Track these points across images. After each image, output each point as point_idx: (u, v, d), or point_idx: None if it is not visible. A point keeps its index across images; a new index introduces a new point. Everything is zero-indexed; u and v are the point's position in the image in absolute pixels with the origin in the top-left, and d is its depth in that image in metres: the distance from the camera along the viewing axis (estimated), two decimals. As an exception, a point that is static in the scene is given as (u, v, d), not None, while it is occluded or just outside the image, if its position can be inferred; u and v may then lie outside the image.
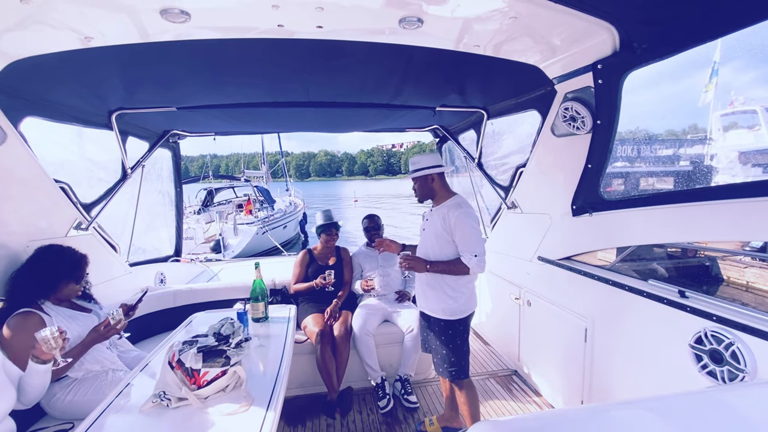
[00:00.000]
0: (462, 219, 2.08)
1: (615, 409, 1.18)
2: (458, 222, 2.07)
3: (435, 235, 2.17)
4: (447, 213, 2.13)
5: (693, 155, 13.17)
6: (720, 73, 14.09)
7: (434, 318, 2.22)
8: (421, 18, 1.64)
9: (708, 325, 1.64)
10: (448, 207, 2.16)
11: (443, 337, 2.19)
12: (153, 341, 2.77)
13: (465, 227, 2.07)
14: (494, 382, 3.03)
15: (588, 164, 2.31)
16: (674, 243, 5.47)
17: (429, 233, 2.23)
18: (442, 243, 2.15)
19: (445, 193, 2.24)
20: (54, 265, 1.89)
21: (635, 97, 8.28)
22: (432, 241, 2.20)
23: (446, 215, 2.12)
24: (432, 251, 2.20)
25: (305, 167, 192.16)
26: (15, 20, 1.48)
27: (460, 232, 2.08)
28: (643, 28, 1.69)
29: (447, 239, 2.13)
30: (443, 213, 2.15)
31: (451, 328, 2.18)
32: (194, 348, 1.47)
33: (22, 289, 1.82)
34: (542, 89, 2.49)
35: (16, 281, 1.85)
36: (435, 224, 2.18)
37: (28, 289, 1.83)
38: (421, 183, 2.25)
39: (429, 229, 2.24)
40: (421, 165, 2.23)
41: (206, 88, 2.53)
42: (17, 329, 1.69)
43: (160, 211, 4.12)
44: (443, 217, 2.13)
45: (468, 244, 2.07)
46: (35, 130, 2.21)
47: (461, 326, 2.19)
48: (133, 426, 1.35)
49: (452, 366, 2.18)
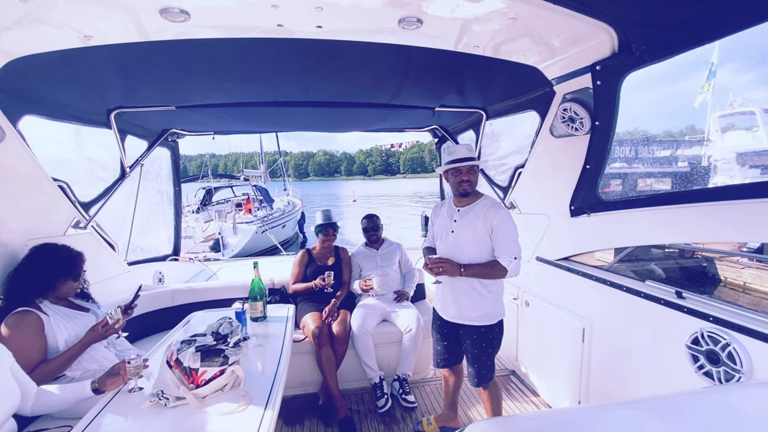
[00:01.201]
0: (506, 219, 2.00)
1: (612, 409, 1.19)
2: (502, 222, 1.98)
3: (474, 236, 2.03)
4: (488, 211, 2.02)
5: (691, 156, 13.21)
6: (718, 75, 14.14)
7: (473, 326, 2.10)
8: (420, 18, 1.64)
9: (705, 325, 1.65)
10: (487, 206, 2.05)
11: (484, 343, 2.09)
12: (151, 340, 2.76)
13: (509, 228, 1.99)
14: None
15: (586, 165, 2.32)
16: (672, 244, 5.49)
17: (465, 234, 2.06)
18: (480, 244, 2.03)
19: (476, 192, 2.14)
20: (50, 263, 1.89)
21: (633, 97, 8.38)
22: (469, 241, 2.05)
23: (487, 213, 2.01)
24: (468, 253, 2.05)
25: (304, 167, 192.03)
26: (14, 18, 1.48)
27: (502, 233, 1.98)
28: (641, 30, 1.70)
29: (486, 240, 2.02)
30: (482, 212, 2.03)
31: (491, 332, 2.10)
32: (192, 347, 1.47)
33: (20, 289, 1.82)
34: (541, 90, 2.50)
35: (13, 281, 1.84)
36: (473, 224, 2.04)
37: (25, 288, 1.82)
38: (477, 174, 2.10)
39: (465, 230, 2.07)
40: (475, 154, 2.08)
41: (205, 87, 2.53)
42: (15, 328, 1.68)
43: (158, 210, 4.11)
44: (484, 215, 2.02)
45: (509, 245, 1.98)
46: (34, 128, 2.20)
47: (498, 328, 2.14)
48: (131, 425, 1.35)
49: (490, 370, 2.12)
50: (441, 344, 2.28)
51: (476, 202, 2.11)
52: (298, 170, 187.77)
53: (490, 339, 2.10)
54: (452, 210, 2.17)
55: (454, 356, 2.28)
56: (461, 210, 2.12)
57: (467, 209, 2.11)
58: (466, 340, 2.14)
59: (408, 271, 3.33)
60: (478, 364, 2.11)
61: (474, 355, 2.12)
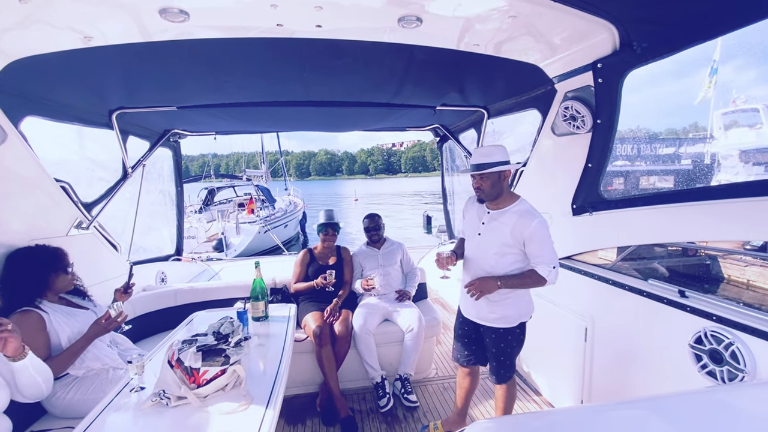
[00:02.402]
0: (541, 230, 1.87)
1: (615, 408, 1.18)
2: (537, 233, 1.87)
3: (500, 243, 1.95)
4: (518, 221, 1.90)
5: (693, 154, 13.15)
6: (720, 72, 14.07)
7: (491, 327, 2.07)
8: (420, 17, 1.64)
9: (708, 324, 1.64)
10: (519, 213, 1.92)
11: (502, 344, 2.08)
12: (153, 340, 2.77)
13: (544, 238, 1.88)
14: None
15: (588, 163, 2.31)
16: (674, 242, 5.47)
17: (491, 239, 1.99)
18: (506, 251, 1.95)
19: (510, 195, 2.00)
20: (35, 263, 1.89)
21: (634, 96, 8.29)
22: (494, 248, 1.97)
23: (518, 223, 1.90)
24: (489, 260, 2.00)
25: (305, 166, 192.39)
26: (14, 19, 1.49)
27: (537, 243, 1.88)
28: (643, 27, 1.69)
29: (514, 248, 1.93)
30: (513, 220, 1.92)
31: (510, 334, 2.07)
32: (193, 347, 1.47)
33: (15, 292, 1.83)
34: (542, 88, 2.49)
35: (5, 286, 1.84)
36: (501, 231, 1.94)
37: (21, 290, 1.84)
38: (493, 180, 1.93)
39: (491, 235, 1.99)
40: (495, 158, 1.89)
41: (206, 88, 2.53)
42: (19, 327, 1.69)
43: (161, 211, 4.13)
44: (514, 225, 1.91)
45: (546, 255, 1.89)
46: (35, 129, 2.21)
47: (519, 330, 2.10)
48: (133, 424, 1.35)
49: (509, 370, 2.12)
50: (462, 341, 2.25)
51: (508, 208, 1.98)
52: (300, 170, 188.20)
53: (509, 340, 2.07)
54: (482, 211, 2.07)
55: (476, 356, 2.22)
56: (491, 213, 2.02)
57: (498, 213, 1.99)
58: (485, 339, 2.14)
59: (410, 270, 3.32)
60: (496, 362, 2.11)
61: (493, 354, 2.11)
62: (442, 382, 3.03)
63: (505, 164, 1.91)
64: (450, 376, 3.13)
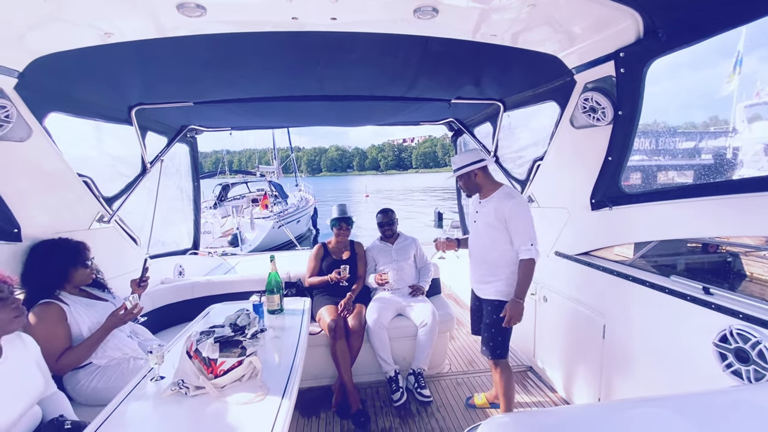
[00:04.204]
0: (516, 209, 2.17)
1: (634, 406, 1.15)
2: (513, 212, 2.17)
3: (488, 225, 2.26)
4: (499, 204, 2.22)
5: (715, 148, 12.71)
6: (744, 63, 13.52)
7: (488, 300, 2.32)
8: (436, 7, 1.61)
9: (734, 322, 1.58)
10: (499, 198, 2.24)
11: (495, 315, 2.26)
12: (172, 331, 2.84)
13: (520, 217, 2.17)
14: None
15: (608, 157, 2.25)
16: (698, 238, 5.31)
17: (482, 224, 2.31)
18: (493, 233, 2.26)
19: (491, 185, 2.33)
20: (56, 256, 1.95)
21: (653, 87, 8.02)
22: (485, 232, 2.30)
23: (498, 206, 2.21)
24: (483, 243, 2.33)
25: (316, 162, 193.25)
26: (38, 17, 1.52)
27: (515, 222, 2.17)
28: (668, 14, 1.62)
29: (499, 228, 2.23)
30: (495, 204, 2.24)
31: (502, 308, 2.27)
32: (211, 338, 1.50)
33: (37, 284, 1.89)
34: (561, 80, 2.43)
35: (28, 278, 1.91)
36: (487, 215, 2.27)
37: (42, 282, 1.90)
38: (465, 180, 2.36)
39: (482, 219, 2.32)
40: (460, 164, 2.32)
41: (222, 83, 2.55)
42: (40, 318, 1.77)
43: (178, 206, 4.20)
44: (495, 208, 2.22)
45: (525, 233, 2.16)
46: (58, 125, 2.27)
47: None
48: (153, 412, 1.39)
49: (500, 347, 2.29)
50: (475, 315, 2.53)
51: (492, 195, 2.30)
52: (311, 166, 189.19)
53: (502, 316, 2.22)
54: (476, 202, 2.42)
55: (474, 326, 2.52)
56: (482, 202, 2.36)
57: (486, 201, 2.32)
58: (483, 311, 2.37)
59: (423, 265, 3.31)
60: (488, 333, 2.31)
61: (486, 325, 2.32)
62: (455, 377, 3.02)
63: (471, 165, 2.29)
64: (464, 371, 3.12)
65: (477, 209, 2.38)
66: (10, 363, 1.33)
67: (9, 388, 1.30)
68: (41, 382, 1.44)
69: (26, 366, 1.41)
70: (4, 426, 1.24)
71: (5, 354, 1.33)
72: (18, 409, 1.30)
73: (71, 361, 1.82)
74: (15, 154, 1.97)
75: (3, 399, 1.26)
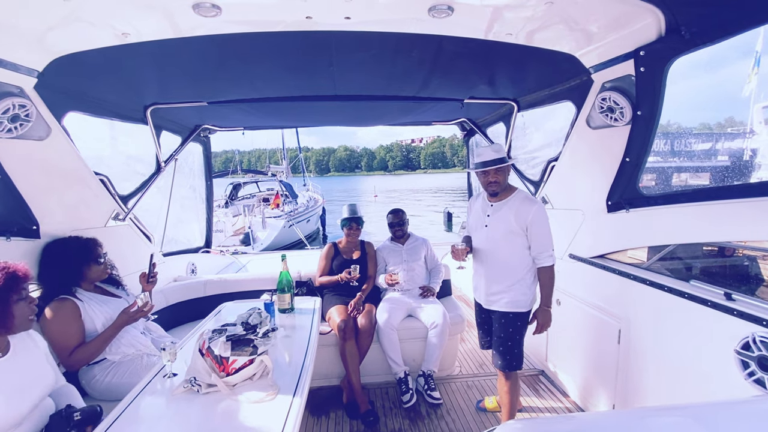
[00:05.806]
0: (540, 214, 2.06)
1: (651, 415, 1.12)
2: (537, 218, 2.06)
3: (507, 231, 2.12)
4: (520, 207, 2.09)
5: (731, 150, 12.38)
6: (762, 63, 13.14)
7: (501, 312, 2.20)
8: (451, 6, 1.59)
9: (757, 330, 1.53)
10: (521, 200, 2.12)
11: (511, 329, 2.17)
12: (184, 329, 2.87)
13: (544, 223, 2.07)
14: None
15: (626, 158, 2.20)
16: (718, 242, 5.17)
17: (498, 228, 2.16)
18: (512, 239, 2.12)
19: (509, 187, 2.22)
20: (68, 255, 1.99)
21: (671, 87, 7.76)
22: (501, 236, 2.15)
23: (520, 209, 2.09)
24: (499, 248, 2.17)
25: (325, 162, 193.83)
26: (57, 18, 1.55)
27: (538, 228, 2.07)
28: (692, 10, 1.58)
29: (519, 234, 2.10)
30: (515, 207, 2.11)
31: (520, 319, 2.18)
32: (223, 336, 1.50)
33: (51, 282, 1.93)
34: (578, 79, 2.38)
35: (43, 277, 1.95)
36: (506, 219, 2.12)
37: (57, 280, 1.93)
38: (506, 173, 2.18)
39: (497, 224, 2.17)
40: (503, 153, 2.14)
41: (235, 83, 2.57)
42: (55, 314, 1.81)
43: (190, 205, 4.25)
44: (517, 211, 2.09)
45: (545, 241, 2.08)
46: (76, 124, 2.31)
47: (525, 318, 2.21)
48: (166, 408, 1.40)
49: (516, 358, 2.19)
50: (483, 328, 2.42)
51: (509, 198, 2.17)
52: (320, 166, 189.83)
53: (518, 326, 2.16)
54: (486, 205, 2.25)
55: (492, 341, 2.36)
56: (494, 205, 2.20)
57: (500, 204, 2.18)
58: (495, 324, 2.24)
59: (434, 266, 3.28)
60: (503, 348, 2.19)
61: (501, 339, 2.19)
62: (466, 380, 2.99)
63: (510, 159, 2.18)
64: (474, 374, 3.08)
65: (489, 212, 2.21)
66: (20, 358, 1.36)
67: (20, 382, 1.33)
68: (51, 376, 1.47)
69: (36, 361, 1.44)
70: (18, 418, 1.27)
71: (15, 350, 1.36)
72: (30, 402, 1.33)
73: (83, 356, 1.85)
74: (34, 152, 2.01)
75: (15, 393, 1.29)
